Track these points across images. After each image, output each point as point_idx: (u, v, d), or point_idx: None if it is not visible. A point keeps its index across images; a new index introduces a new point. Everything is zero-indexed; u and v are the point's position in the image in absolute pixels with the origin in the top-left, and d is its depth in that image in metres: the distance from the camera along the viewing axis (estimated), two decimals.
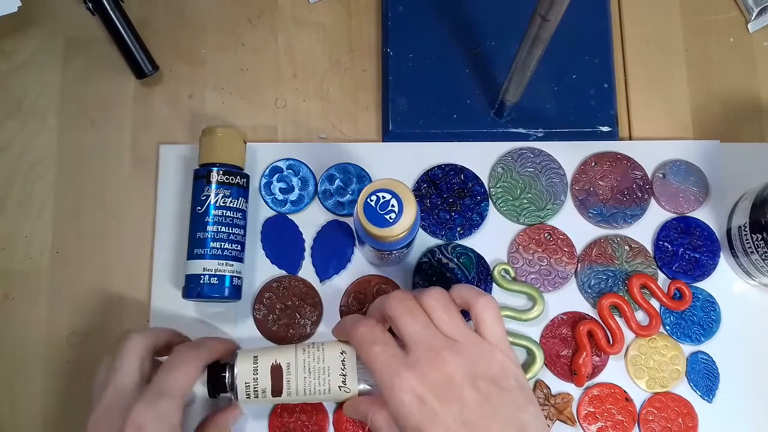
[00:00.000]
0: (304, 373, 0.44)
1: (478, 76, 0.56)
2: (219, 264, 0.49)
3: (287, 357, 0.45)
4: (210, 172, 0.50)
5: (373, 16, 0.58)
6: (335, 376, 0.44)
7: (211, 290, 0.49)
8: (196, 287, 0.49)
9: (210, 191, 0.49)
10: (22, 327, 0.52)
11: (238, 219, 0.50)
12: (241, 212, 0.51)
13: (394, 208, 0.42)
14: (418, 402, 0.37)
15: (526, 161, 0.55)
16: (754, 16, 0.58)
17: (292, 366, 0.44)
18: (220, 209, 0.49)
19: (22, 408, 0.51)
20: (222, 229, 0.49)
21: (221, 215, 0.49)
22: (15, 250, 0.54)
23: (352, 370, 0.44)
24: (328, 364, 0.44)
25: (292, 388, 0.44)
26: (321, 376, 0.44)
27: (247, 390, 0.44)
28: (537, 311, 0.51)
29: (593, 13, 0.57)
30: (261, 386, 0.44)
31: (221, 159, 0.50)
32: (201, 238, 0.49)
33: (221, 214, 0.49)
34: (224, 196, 0.50)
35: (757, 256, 0.49)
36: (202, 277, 0.49)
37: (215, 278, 0.49)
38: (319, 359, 0.44)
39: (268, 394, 0.44)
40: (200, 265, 0.49)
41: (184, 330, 0.49)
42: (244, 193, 0.51)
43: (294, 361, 0.44)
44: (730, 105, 0.57)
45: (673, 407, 0.51)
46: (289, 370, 0.44)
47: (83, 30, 0.57)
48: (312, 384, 0.44)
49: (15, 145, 0.55)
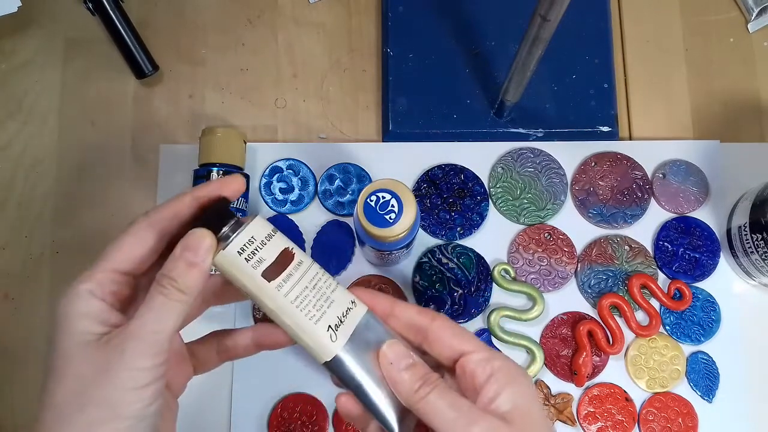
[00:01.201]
0: (308, 284, 0.36)
1: (478, 76, 0.56)
2: None
3: (303, 257, 0.37)
4: (210, 172, 0.50)
5: (373, 16, 0.58)
6: (332, 314, 0.36)
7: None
8: None
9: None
10: (22, 327, 0.52)
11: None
12: (242, 212, 0.51)
13: (394, 208, 0.42)
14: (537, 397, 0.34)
15: (526, 161, 0.55)
16: (754, 16, 0.58)
17: (303, 267, 0.36)
18: None
19: (22, 408, 0.51)
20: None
21: None
22: (15, 250, 0.54)
23: (350, 325, 0.36)
24: (335, 298, 0.37)
25: (286, 287, 0.35)
26: (320, 301, 0.36)
27: (246, 246, 0.34)
28: (537, 311, 0.51)
29: (593, 13, 0.57)
30: (261, 255, 0.35)
31: (221, 159, 0.50)
32: None
33: None
34: None
35: (757, 256, 0.49)
36: None
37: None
38: (330, 287, 0.37)
39: (261, 268, 0.35)
40: None
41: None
42: (244, 194, 0.51)
43: (308, 265, 0.37)
44: (730, 105, 0.57)
45: (673, 407, 0.51)
46: (298, 268, 0.36)
47: (83, 30, 0.57)
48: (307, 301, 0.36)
49: (15, 145, 0.55)
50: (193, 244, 0.32)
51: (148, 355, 0.30)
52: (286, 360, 0.51)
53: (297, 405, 0.50)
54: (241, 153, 0.52)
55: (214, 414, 0.51)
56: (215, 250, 0.33)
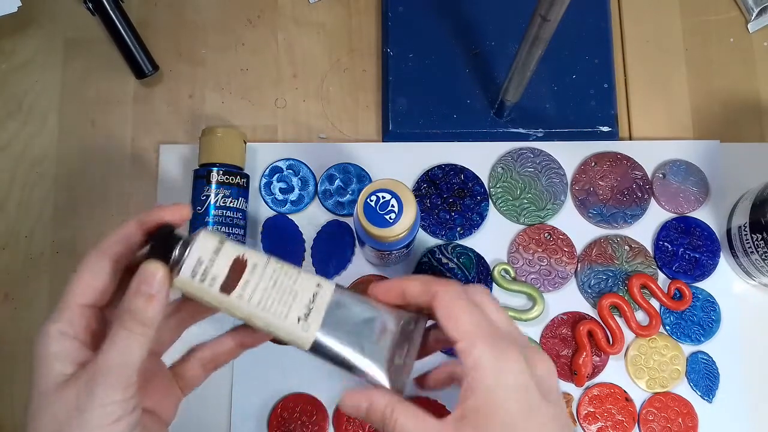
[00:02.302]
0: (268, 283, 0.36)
1: (478, 76, 0.56)
2: None
3: (257, 258, 0.36)
4: (210, 172, 0.50)
5: (373, 16, 0.58)
6: (299, 305, 0.36)
7: None
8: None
9: (210, 191, 0.49)
10: (22, 327, 0.52)
11: (238, 219, 0.50)
12: (241, 212, 0.51)
13: (394, 208, 0.42)
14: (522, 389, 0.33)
15: (526, 161, 0.55)
16: (754, 16, 0.58)
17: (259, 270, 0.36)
18: (220, 209, 0.49)
19: (22, 408, 0.51)
20: (222, 229, 0.49)
21: (221, 215, 0.49)
22: (15, 250, 0.54)
23: (320, 308, 0.36)
24: (299, 288, 0.36)
25: (246, 293, 0.36)
26: (284, 297, 0.36)
27: (196, 268, 0.35)
28: (537, 311, 0.51)
29: (593, 13, 0.57)
30: (214, 272, 0.35)
31: (221, 159, 0.50)
32: None
33: (221, 214, 0.49)
34: (224, 196, 0.50)
35: (757, 256, 0.49)
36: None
37: None
38: (291, 278, 0.36)
39: (216, 285, 0.35)
40: None
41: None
42: (244, 194, 0.51)
43: (263, 265, 0.36)
44: (730, 105, 0.57)
45: (673, 407, 0.51)
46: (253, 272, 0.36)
47: (83, 30, 0.57)
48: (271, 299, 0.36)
49: (15, 145, 0.55)
50: (148, 278, 0.33)
51: (117, 389, 0.31)
52: (286, 360, 0.51)
53: (297, 405, 0.50)
54: (241, 153, 0.52)
55: (214, 414, 0.51)
56: (169, 278, 0.34)
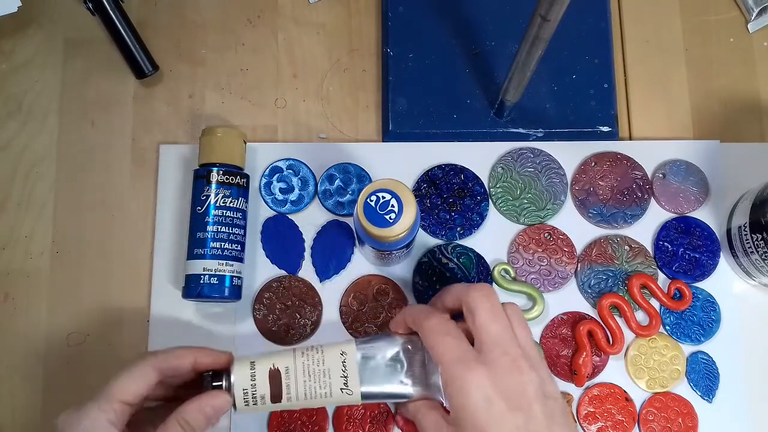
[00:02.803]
0: (304, 377, 0.43)
1: (478, 76, 0.56)
2: (219, 264, 0.49)
3: (285, 361, 0.43)
4: (210, 172, 0.50)
5: (373, 16, 0.58)
6: (336, 379, 0.43)
7: (211, 290, 0.48)
8: (196, 287, 0.48)
9: (210, 191, 0.49)
10: (22, 327, 0.52)
11: (238, 219, 0.50)
12: (241, 212, 0.51)
13: (394, 208, 0.42)
14: (486, 402, 0.37)
15: (526, 161, 0.55)
16: (754, 16, 0.58)
17: (291, 370, 0.43)
18: (220, 209, 0.49)
19: (22, 408, 0.51)
20: (222, 229, 0.49)
21: (221, 215, 0.49)
22: (15, 250, 0.54)
23: (353, 371, 0.43)
24: (329, 366, 0.43)
25: (292, 393, 0.43)
26: (322, 379, 0.43)
27: (245, 397, 0.42)
28: (537, 311, 0.51)
29: (593, 13, 0.57)
30: (260, 392, 0.42)
31: (221, 159, 0.50)
32: (201, 238, 0.49)
33: (221, 214, 0.49)
34: (224, 196, 0.50)
35: (757, 256, 0.49)
36: (202, 277, 0.48)
37: (215, 278, 0.48)
38: (319, 362, 0.43)
39: (267, 400, 0.42)
40: (200, 265, 0.49)
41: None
42: (244, 193, 0.51)
43: (293, 364, 0.43)
44: (730, 105, 0.57)
45: (673, 407, 0.51)
46: (288, 374, 0.43)
47: (83, 30, 0.57)
48: (312, 387, 0.43)
49: (15, 145, 0.55)
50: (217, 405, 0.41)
51: None
52: None
53: None
54: (241, 153, 0.52)
55: None
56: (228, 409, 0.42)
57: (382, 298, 0.52)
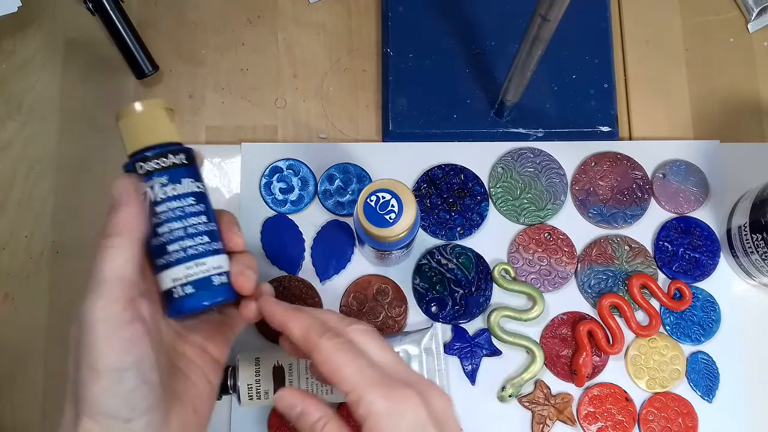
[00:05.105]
0: (307, 374, 0.45)
1: (478, 76, 0.56)
2: (187, 269, 0.37)
3: (289, 358, 0.45)
4: (136, 164, 0.37)
5: (373, 16, 0.58)
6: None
7: (193, 301, 0.37)
8: (174, 305, 0.37)
9: (144, 187, 0.37)
10: (22, 327, 0.52)
11: (191, 205, 0.37)
12: (194, 195, 0.38)
13: (394, 208, 0.42)
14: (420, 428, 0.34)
15: (526, 161, 0.55)
16: (754, 16, 0.58)
17: (294, 367, 0.45)
18: (163, 203, 0.37)
19: (22, 408, 0.51)
20: (175, 226, 0.37)
21: (167, 210, 0.37)
22: (15, 250, 0.54)
23: None
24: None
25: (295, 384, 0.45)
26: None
27: (250, 392, 0.45)
28: (537, 311, 0.51)
29: (593, 13, 0.57)
30: (264, 388, 0.45)
31: (144, 142, 0.38)
32: (157, 245, 0.37)
33: (166, 208, 0.37)
34: (161, 186, 0.37)
35: (757, 256, 0.49)
36: (174, 291, 0.37)
37: (190, 286, 0.37)
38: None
39: (270, 395, 0.45)
40: (168, 276, 0.37)
41: None
42: (190, 172, 0.38)
43: (296, 361, 0.45)
44: (730, 105, 0.57)
45: (673, 407, 0.51)
46: (291, 371, 0.45)
47: (83, 30, 0.57)
48: (315, 384, 0.45)
49: (15, 145, 0.55)
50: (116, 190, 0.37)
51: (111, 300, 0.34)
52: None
53: None
54: (167, 125, 0.39)
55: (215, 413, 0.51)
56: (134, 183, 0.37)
57: (382, 298, 0.52)
